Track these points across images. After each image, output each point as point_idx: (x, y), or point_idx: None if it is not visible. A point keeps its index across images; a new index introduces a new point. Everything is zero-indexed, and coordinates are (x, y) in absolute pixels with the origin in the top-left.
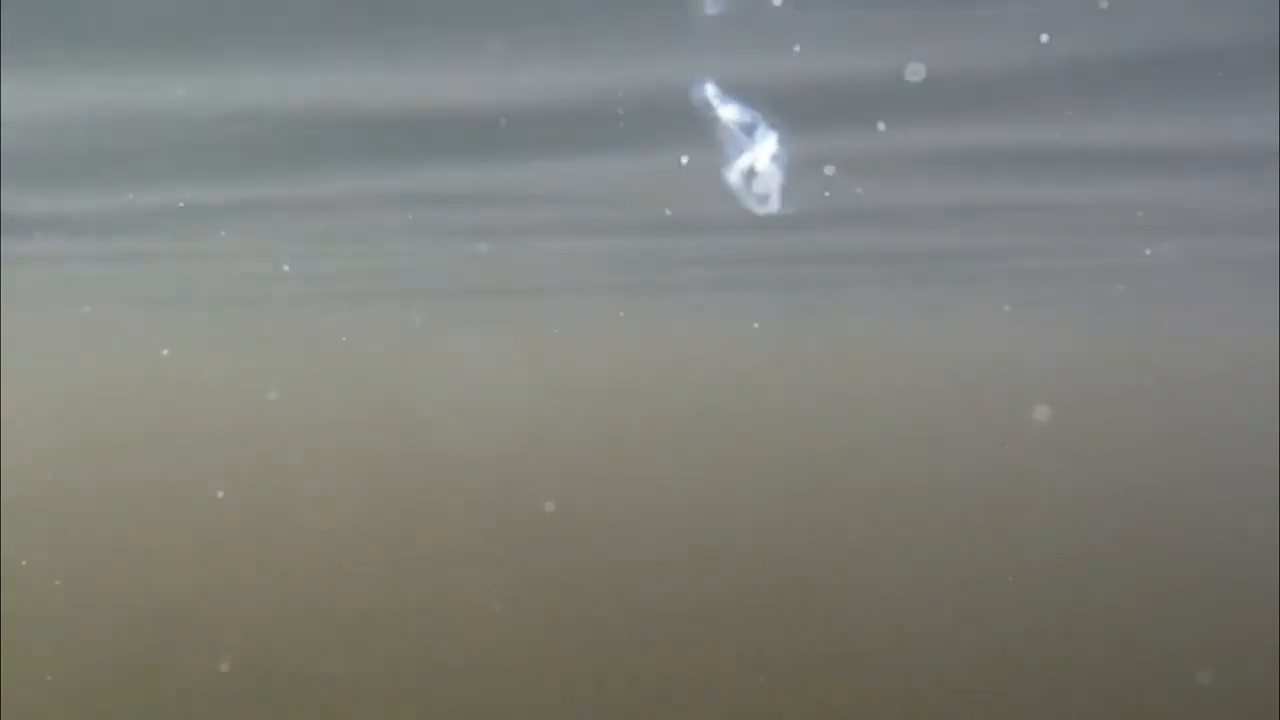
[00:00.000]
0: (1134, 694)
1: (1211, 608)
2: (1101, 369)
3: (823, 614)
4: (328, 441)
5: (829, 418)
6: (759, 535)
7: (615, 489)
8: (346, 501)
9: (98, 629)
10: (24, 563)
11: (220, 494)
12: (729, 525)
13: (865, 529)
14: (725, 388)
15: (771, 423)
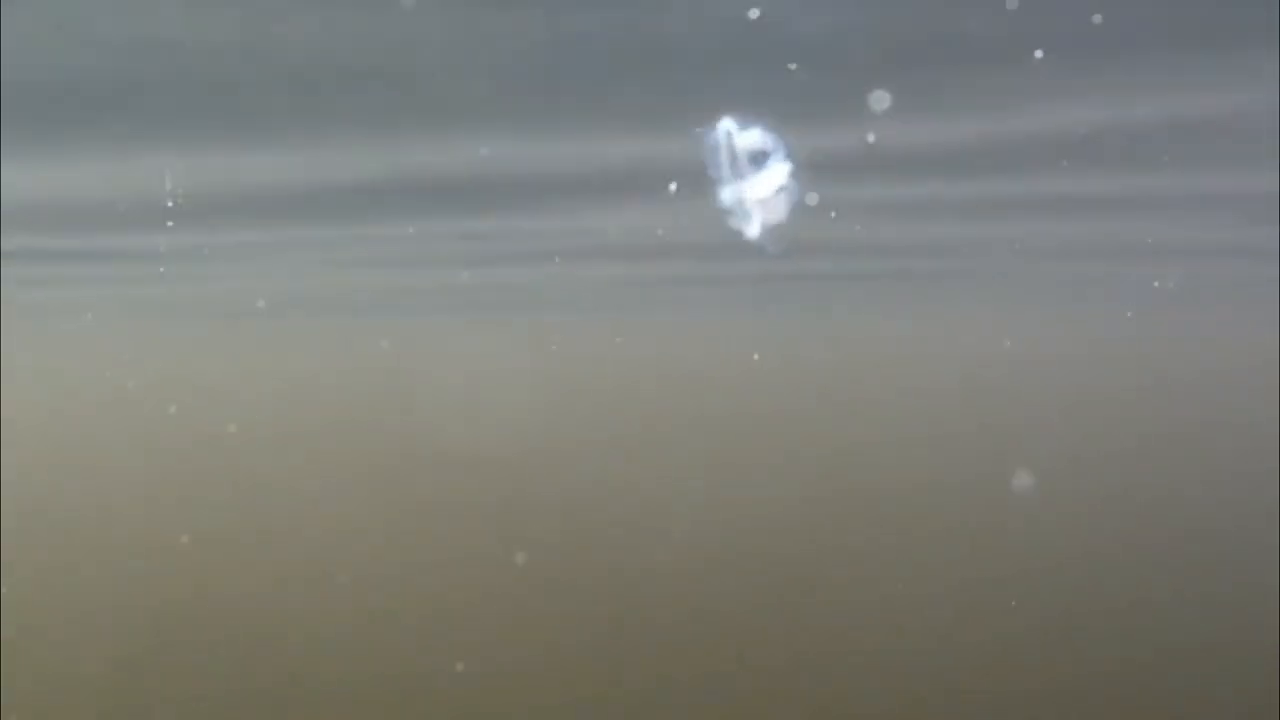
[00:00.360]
0: (1134, 694)
1: (1211, 608)
2: (1101, 369)
3: (824, 615)
4: (330, 447)
5: (829, 420)
6: (761, 537)
7: (616, 490)
8: (349, 505)
9: (98, 633)
10: (20, 575)
11: (185, 539)
12: (730, 527)
13: (866, 529)
14: (722, 395)
15: (771, 426)
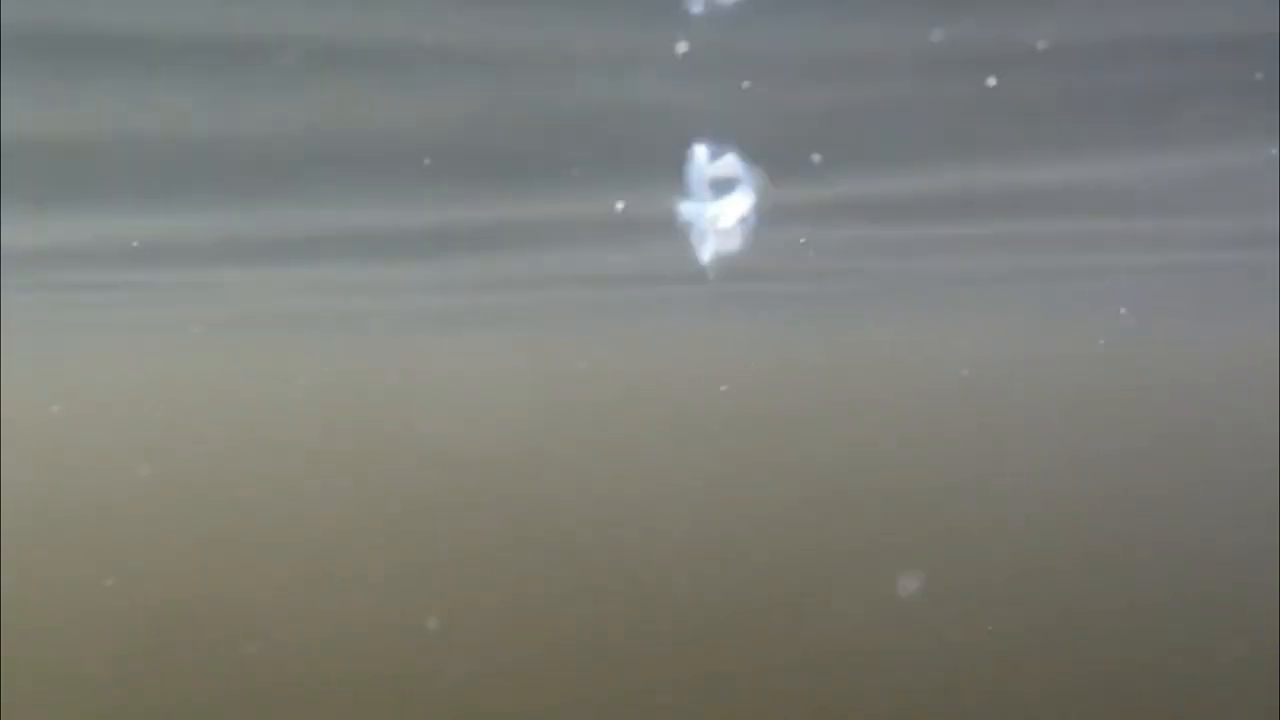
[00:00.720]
0: (1134, 694)
1: (1212, 608)
2: (1099, 371)
3: (821, 616)
4: (330, 451)
5: (828, 423)
6: (762, 538)
7: (616, 494)
8: (349, 507)
9: (98, 633)
10: (20, 575)
11: (184, 539)
12: (731, 529)
13: (866, 531)
14: (713, 403)
15: (767, 430)
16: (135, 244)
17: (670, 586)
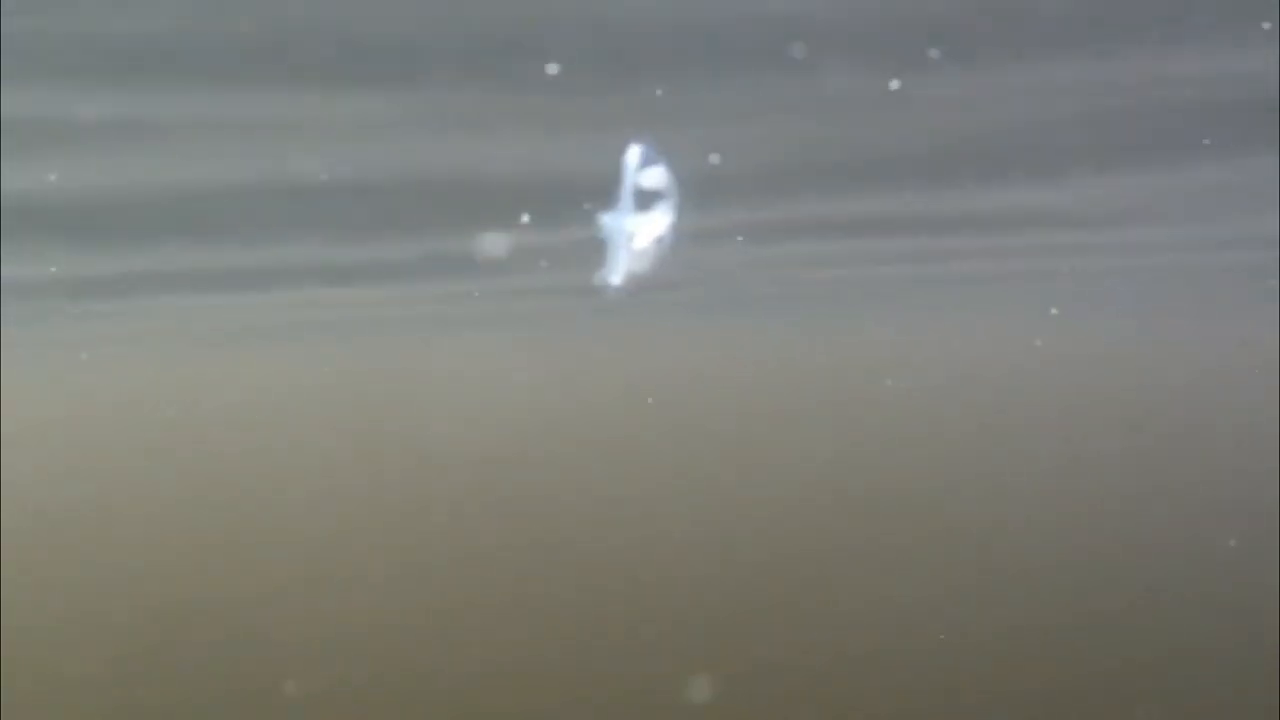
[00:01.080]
0: (1134, 694)
1: (1211, 608)
2: (1099, 371)
3: (825, 617)
4: (329, 452)
5: (823, 423)
6: (763, 537)
7: (616, 494)
8: (350, 507)
9: (98, 633)
10: (20, 575)
11: (185, 541)
12: (732, 528)
13: (866, 532)
14: (688, 405)
15: (764, 430)
16: (61, 274)
17: (670, 586)
